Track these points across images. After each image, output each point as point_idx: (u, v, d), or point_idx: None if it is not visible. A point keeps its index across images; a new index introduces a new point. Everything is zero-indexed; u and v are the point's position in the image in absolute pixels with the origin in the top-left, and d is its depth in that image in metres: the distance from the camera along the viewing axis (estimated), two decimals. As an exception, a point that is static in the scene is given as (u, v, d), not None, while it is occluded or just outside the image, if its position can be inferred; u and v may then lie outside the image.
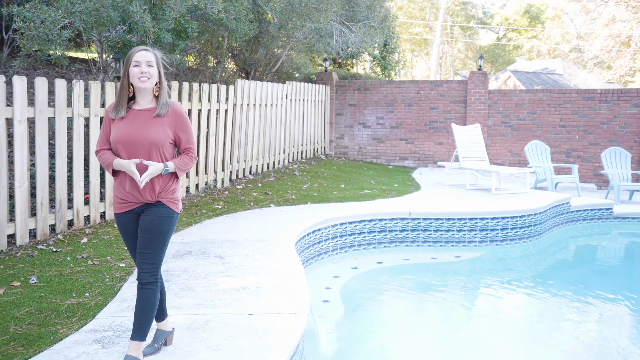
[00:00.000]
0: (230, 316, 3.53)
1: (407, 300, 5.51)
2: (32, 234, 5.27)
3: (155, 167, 2.82)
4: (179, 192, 3.02)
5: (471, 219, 7.06)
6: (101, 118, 6.06)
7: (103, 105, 6.00)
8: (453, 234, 7.06)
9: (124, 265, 4.71)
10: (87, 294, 4.01)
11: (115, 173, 2.93)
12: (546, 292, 5.73)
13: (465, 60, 46.74)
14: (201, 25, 6.79)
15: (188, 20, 6.27)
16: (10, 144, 6.05)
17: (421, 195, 8.50)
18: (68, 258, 4.81)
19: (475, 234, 7.09)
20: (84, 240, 5.35)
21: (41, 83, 5.14)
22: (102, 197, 6.18)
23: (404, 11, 42.24)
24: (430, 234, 7.05)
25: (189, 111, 7.38)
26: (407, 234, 7.02)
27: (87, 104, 6.25)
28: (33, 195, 5.65)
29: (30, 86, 7.04)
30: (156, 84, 2.92)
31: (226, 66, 11.46)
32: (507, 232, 7.18)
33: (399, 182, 9.89)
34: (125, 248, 5.15)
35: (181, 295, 3.92)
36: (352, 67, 19.00)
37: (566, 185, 10.76)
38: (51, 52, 5.85)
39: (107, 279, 4.34)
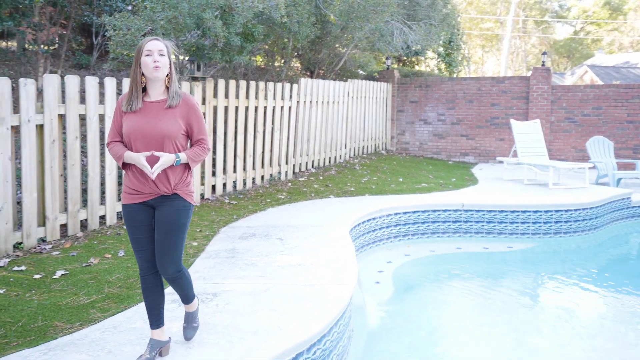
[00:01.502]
0: (286, 286, 4.03)
1: (457, 284, 5.81)
2: (119, 216, 6.01)
3: (166, 158, 2.77)
4: (192, 184, 3.01)
5: (524, 212, 7.23)
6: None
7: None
8: (505, 226, 7.26)
9: (196, 244, 5.32)
10: (166, 266, 4.63)
11: (127, 165, 2.89)
12: (602, 285, 5.82)
13: (538, 55, 45.35)
14: (267, 29, 7.36)
15: (255, 24, 6.85)
16: (101, 138, 6.84)
17: (477, 189, 8.71)
18: (149, 237, 5.49)
19: (528, 226, 7.25)
20: (162, 222, 6.03)
21: (127, 83, 5.85)
22: (178, 186, 6.86)
23: (474, 6, 41.58)
24: (482, 225, 7.29)
25: (255, 108, 7.98)
26: (460, 225, 7.29)
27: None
28: (119, 183, 6.40)
29: (118, 86, 7.87)
30: (167, 74, 2.87)
31: (291, 65, 12.05)
32: (561, 225, 7.29)
33: (457, 176, 10.11)
34: (199, 230, 5.79)
35: (245, 269, 4.46)
36: (417, 65, 19.16)
37: (630, 181, 10.57)
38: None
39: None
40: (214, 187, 7.42)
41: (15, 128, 4.96)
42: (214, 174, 7.48)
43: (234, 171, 7.72)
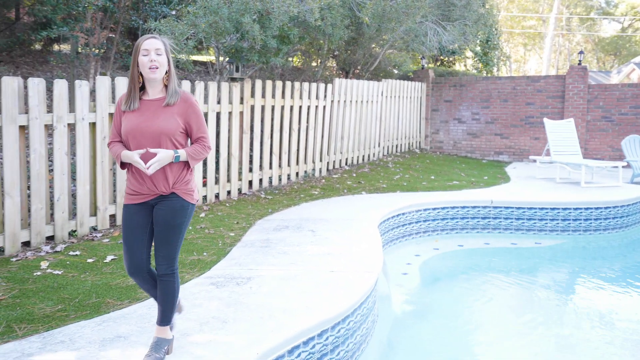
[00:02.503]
0: (315, 272, 4.33)
1: (484, 277, 6.00)
2: (162, 208, 6.43)
3: (163, 154, 2.74)
4: (193, 182, 2.96)
5: (553, 209, 7.33)
6: (217, 113, 7.14)
7: (219, 102, 7.06)
8: (534, 223, 7.38)
9: (233, 234, 5.68)
10: (205, 254, 5.00)
11: (127, 165, 2.88)
12: (633, 283, 5.91)
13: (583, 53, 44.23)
14: (302, 31, 7.69)
15: (290, 27, 7.19)
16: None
17: (508, 186, 8.82)
18: (190, 227, 5.88)
19: (557, 224, 7.35)
20: (202, 214, 6.43)
21: (171, 84, 6.27)
22: (217, 181, 7.26)
23: (516, 4, 40.97)
24: (511, 222, 7.42)
25: (290, 107, 8.32)
26: (489, 222, 7.45)
27: (206, 101, 7.36)
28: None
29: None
30: (166, 72, 2.83)
31: (327, 65, 12.36)
32: (591, 223, 7.36)
33: (489, 175, 10.21)
34: (236, 222, 6.15)
35: (277, 257, 4.79)
36: (454, 64, 19.19)
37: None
38: (179, 58, 7.02)
39: (219, 244, 5.33)
40: (250, 182, 7.79)
41: (71, 126, 5.43)
42: (250, 170, 7.85)
43: (270, 167, 8.08)
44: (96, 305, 3.74)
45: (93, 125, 5.52)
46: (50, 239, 5.22)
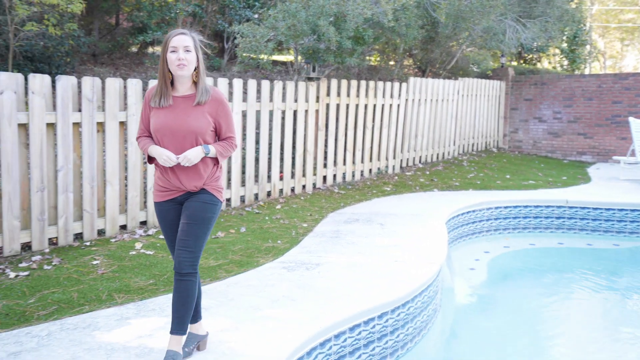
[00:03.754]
0: (380, 261, 4.58)
1: (555, 275, 5.97)
2: (242, 199, 6.91)
3: (194, 152, 2.73)
4: (222, 180, 2.95)
5: (633, 210, 7.12)
6: (294, 111, 7.53)
7: (296, 100, 7.45)
8: (612, 224, 7.20)
9: (306, 225, 6.03)
10: (279, 241, 5.38)
11: (152, 160, 2.85)
12: None
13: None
14: (376, 32, 7.92)
15: (365, 28, 7.45)
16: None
17: (588, 187, 8.60)
18: (266, 218, 6.31)
19: (638, 226, 7.13)
20: (278, 206, 6.85)
21: (252, 84, 6.72)
22: (292, 175, 7.65)
23: (613, -4, 38.77)
24: (587, 223, 7.29)
25: (365, 106, 8.57)
26: (564, 222, 7.35)
27: (283, 99, 7.77)
28: (243, 172, 7.32)
29: (244, 86, 8.87)
30: (195, 69, 2.76)
31: (404, 64, 12.49)
32: (674, 226, 7.08)
33: (569, 175, 9.97)
34: (309, 214, 6.51)
35: (346, 247, 5.08)
36: (539, 62, 18.63)
37: None
38: (260, 58, 7.48)
39: (293, 233, 5.70)
40: (325, 177, 8.13)
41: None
42: (325, 165, 8.19)
43: (344, 164, 8.38)
44: (182, 281, 4.20)
45: (182, 121, 6.05)
46: (143, 223, 5.81)
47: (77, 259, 4.68)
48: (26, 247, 4.87)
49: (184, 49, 2.67)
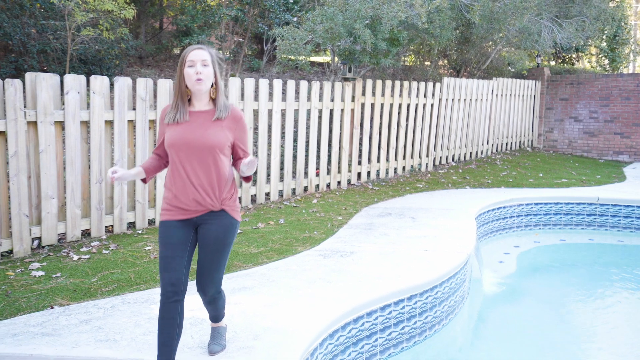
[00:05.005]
0: (410, 250, 4.87)
1: (585, 269, 6.12)
2: (280, 194, 7.28)
3: (254, 159, 2.65)
4: (238, 200, 2.87)
5: (665, 208, 7.19)
6: (330, 110, 7.86)
7: (332, 100, 7.78)
8: (644, 222, 7.28)
9: (340, 218, 6.35)
10: (315, 232, 5.72)
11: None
12: None
13: None
14: (411, 34, 8.19)
15: (400, 30, 7.72)
16: (268, 130, 8.22)
17: (621, 186, 8.66)
18: (303, 211, 6.66)
19: (670, 224, 7.19)
20: (314, 200, 7.19)
21: (291, 84, 7.08)
22: (328, 172, 7.98)
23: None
24: (619, 220, 7.38)
25: (399, 105, 8.83)
26: (595, 219, 7.46)
27: (320, 99, 8.11)
28: (281, 168, 7.69)
29: (283, 86, 9.25)
30: (212, 85, 2.70)
31: (439, 64, 12.68)
32: None
33: (603, 174, 10.00)
34: (344, 208, 6.82)
35: (378, 237, 5.38)
36: (577, 61, 18.47)
37: None
38: (298, 59, 7.85)
39: (328, 225, 6.03)
40: (359, 174, 8.44)
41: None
42: (359, 162, 8.50)
43: (378, 161, 8.67)
44: (227, 266, 4.58)
45: (225, 119, 6.45)
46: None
47: (132, 245, 5.12)
48: (86, 233, 5.35)
49: (201, 63, 2.62)
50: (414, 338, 3.96)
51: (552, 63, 16.79)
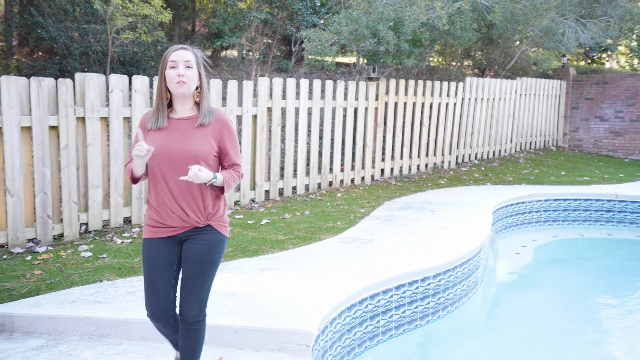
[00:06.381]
0: (427, 239, 5.18)
1: (602, 262, 6.31)
2: (306, 188, 7.66)
3: (206, 171, 2.36)
4: (226, 214, 2.63)
5: (683, 205, 7.31)
6: (355, 109, 8.20)
7: (357, 99, 8.11)
8: (662, 218, 7.41)
9: (363, 210, 6.69)
10: (338, 223, 6.07)
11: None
12: None
13: None
14: (433, 35, 8.47)
15: (422, 31, 8.02)
16: (295, 128, 8.59)
17: (642, 184, 8.77)
18: (327, 204, 7.01)
19: (688, 220, 7.31)
20: (339, 195, 7.54)
21: (317, 84, 7.45)
22: (352, 168, 8.32)
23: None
24: (638, 217, 7.53)
25: (422, 104, 9.12)
26: (613, 215, 7.62)
27: (345, 98, 8.46)
28: (307, 164, 8.06)
29: (309, 86, 9.63)
30: (197, 88, 2.50)
31: (463, 64, 12.89)
32: None
33: (627, 173, 10.09)
34: (367, 202, 7.15)
35: (398, 228, 5.70)
36: (606, 61, 18.38)
37: None
38: (325, 60, 8.21)
39: (351, 217, 6.37)
40: (382, 170, 8.75)
41: (238, 118, 6.81)
42: (383, 159, 8.81)
43: (401, 158, 8.97)
44: (255, 250, 4.97)
45: (254, 117, 6.85)
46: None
47: (168, 231, 5.55)
48: (127, 221, 5.81)
49: (184, 64, 2.43)
50: (427, 317, 4.28)
51: (582, 63, 16.78)
